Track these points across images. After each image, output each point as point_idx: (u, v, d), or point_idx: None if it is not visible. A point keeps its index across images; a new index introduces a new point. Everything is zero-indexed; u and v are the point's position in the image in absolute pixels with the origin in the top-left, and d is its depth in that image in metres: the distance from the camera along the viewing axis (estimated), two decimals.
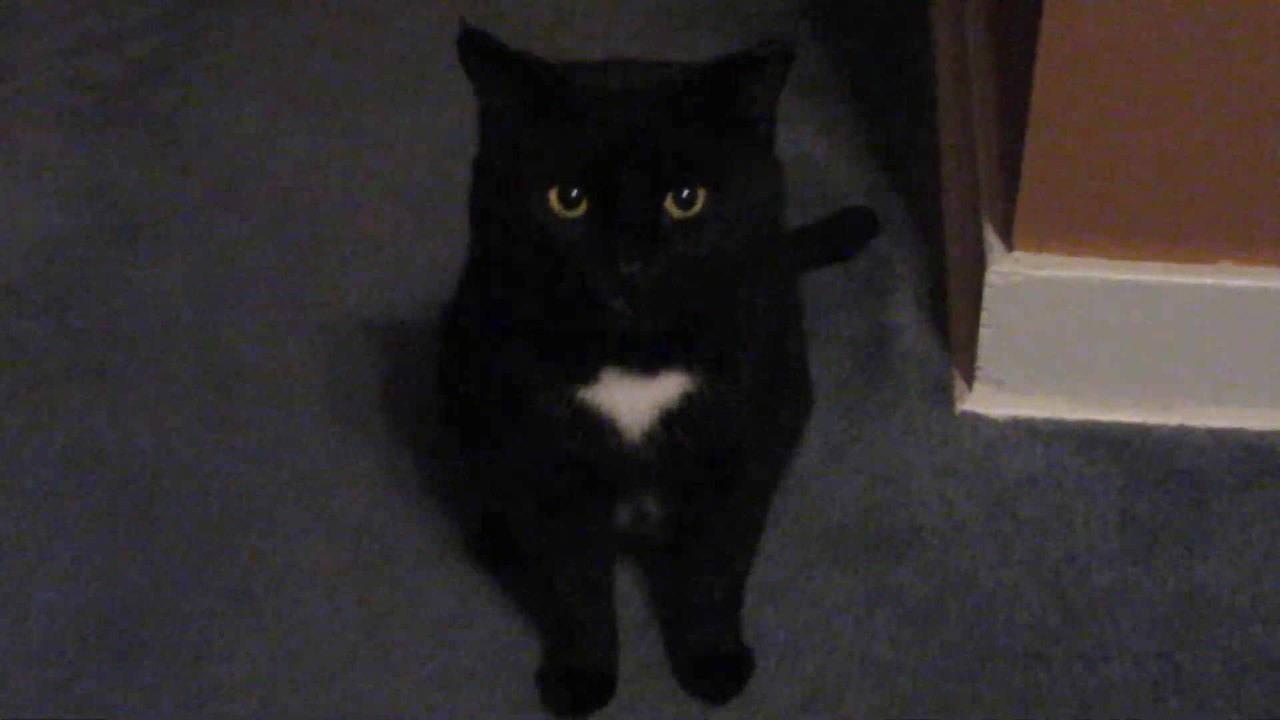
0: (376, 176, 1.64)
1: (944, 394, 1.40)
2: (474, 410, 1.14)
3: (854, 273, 1.51)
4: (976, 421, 1.38)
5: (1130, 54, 1.23)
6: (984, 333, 1.37)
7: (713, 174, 0.98)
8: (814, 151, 1.64)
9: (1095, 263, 1.33)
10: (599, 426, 1.05)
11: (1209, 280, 1.32)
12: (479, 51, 0.99)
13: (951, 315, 1.46)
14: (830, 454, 1.35)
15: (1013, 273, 1.34)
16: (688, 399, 1.05)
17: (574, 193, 0.97)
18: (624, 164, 0.96)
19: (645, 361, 1.03)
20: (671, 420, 1.05)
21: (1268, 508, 1.31)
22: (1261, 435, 1.36)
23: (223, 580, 1.27)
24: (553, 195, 0.97)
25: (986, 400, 1.39)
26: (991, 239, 1.36)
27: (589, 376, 1.04)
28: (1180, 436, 1.36)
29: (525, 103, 0.98)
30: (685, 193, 0.97)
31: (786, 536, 1.28)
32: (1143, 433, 1.36)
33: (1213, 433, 1.36)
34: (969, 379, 1.40)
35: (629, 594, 1.25)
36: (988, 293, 1.35)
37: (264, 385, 1.43)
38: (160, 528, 1.31)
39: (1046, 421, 1.38)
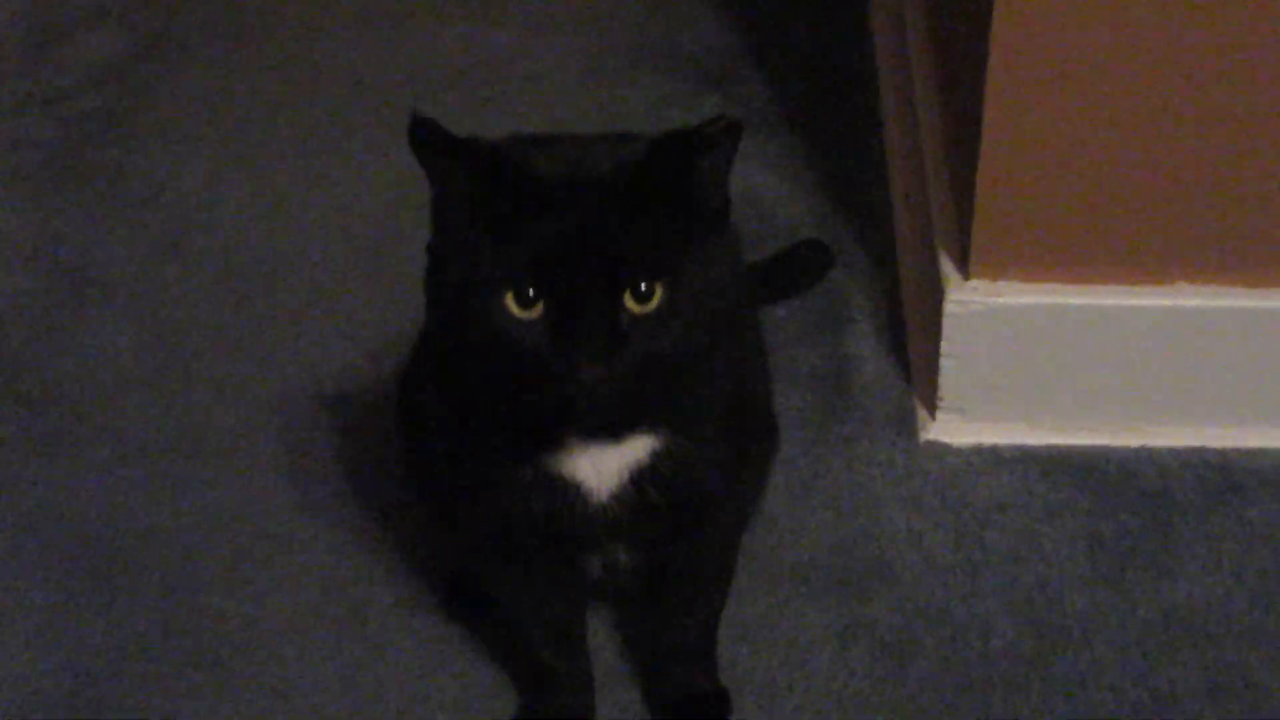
0: (324, 226, 1.63)
1: (907, 424, 1.40)
2: (437, 476, 1.13)
3: (811, 306, 1.51)
4: (941, 450, 1.38)
5: (1081, 80, 1.24)
6: (944, 362, 1.37)
7: (669, 266, 0.96)
8: (763, 186, 1.64)
9: (1052, 288, 1.34)
10: (567, 491, 1.04)
11: (1166, 301, 1.33)
12: (430, 141, 0.97)
13: (910, 345, 1.46)
14: (796, 489, 1.34)
15: (970, 301, 1.34)
16: (655, 457, 1.04)
17: (530, 294, 0.95)
18: (578, 264, 0.95)
19: (610, 427, 1.03)
20: (640, 479, 1.04)
21: (1234, 526, 1.31)
22: (1223, 453, 1.36)
23: (189, 643, 1.25)
24: (509, 298, 0.96)
25: (950, 429, 1.39)
26: (947, 268, 1.36)
27: (554, 445, 1.03)
28: (1144, 458, 1.37)
29: (476, 191, 0.96)
30: (643, 288, 0.96)
31: (756, 574, 1.27)
32: (1107, 455, 1.37)
33: (1175, 452, 1.37)
34: (931, 408, 1.40)
35: (602, 641, 1.24)
36: (946, 321, 1.35)
37: (220, 443, 1.41)
38: (122, 593, 1.29)
39: (1010, 448, 1.38)
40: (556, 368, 0.95)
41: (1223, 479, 1.35)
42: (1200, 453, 1.36)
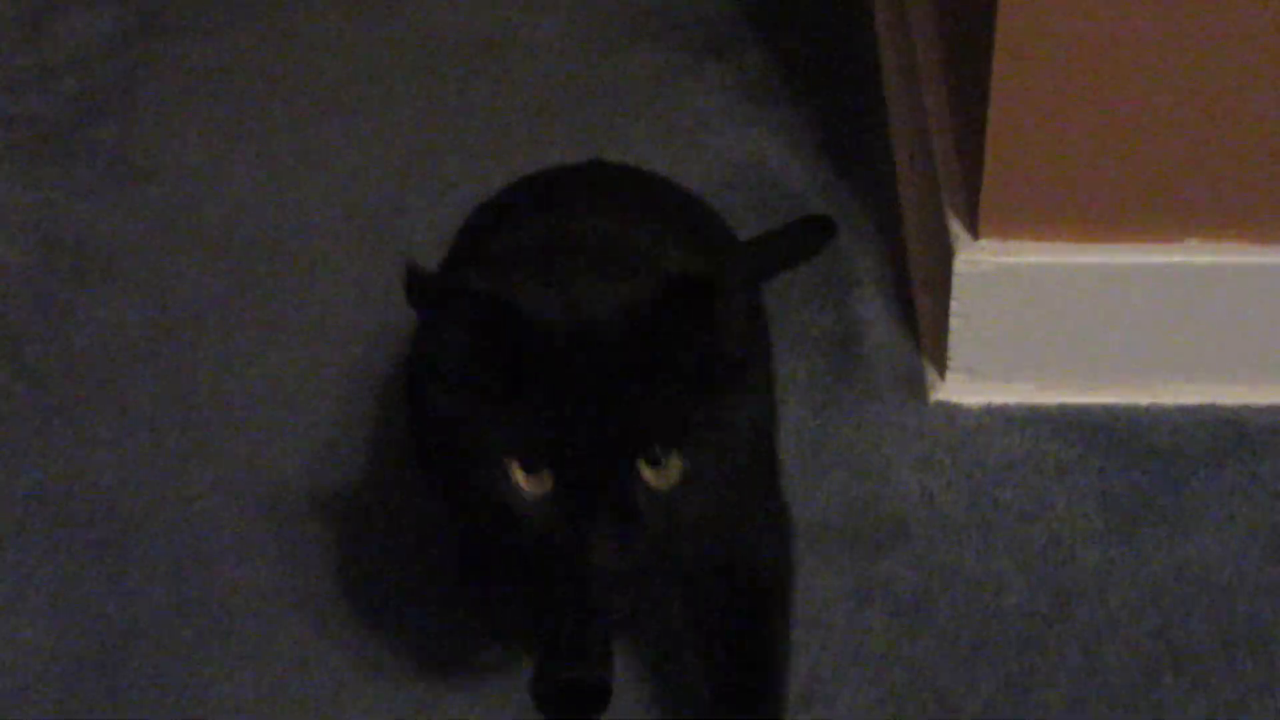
0: (326, 199, 1.63)
1: (917, 385, 1.40)
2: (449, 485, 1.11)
3: (817, 271, 1.50)
4: (951, 411, 1.38)
5: (1091, 34, 1.24)
6: (954, 322, 1.37)
7: (687, 430, 0.87)
8: (767, 153, 1.64)
9: (1062, 246, 1.33)
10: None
11: (1176, 258, 1.33)
12: (426, 294, 0.89)
13: (918, 308, 1.46)
14: (807, 451, 1.34)
15: (980, 260, 1.34)
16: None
17: (536, 468, 0.87)
18: (587, 432, 0.86)
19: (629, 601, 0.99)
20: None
21: (1246, 481, 1.32)
22: (1235, 410, 1.36)
23: (202, 610, 1.25)
24: (515, 470, 0.88)
25: (960, 389, 1.39)
26: (956, 228, 1.36)
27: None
28: (1155, 415, 1.37)
29: (475, 345, 0.88)
30: (659, 458, 0.87)
31: None
32: (1117, 414, 1.37)
33: (1186, 410, 1.37)
34: (941, 369, 1.40)
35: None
36: (956, 282, 1.35)
37: (227, 414, 1.41)
38: (134, 563, 1.29)
39: (1021, 407, 1.38)
40: (567, 550, 0.87)
41: (1234, 435, 1.35)
42: (1211, 409, 1.37)
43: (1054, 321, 1.36)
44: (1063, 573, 1.25)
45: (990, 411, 1.38)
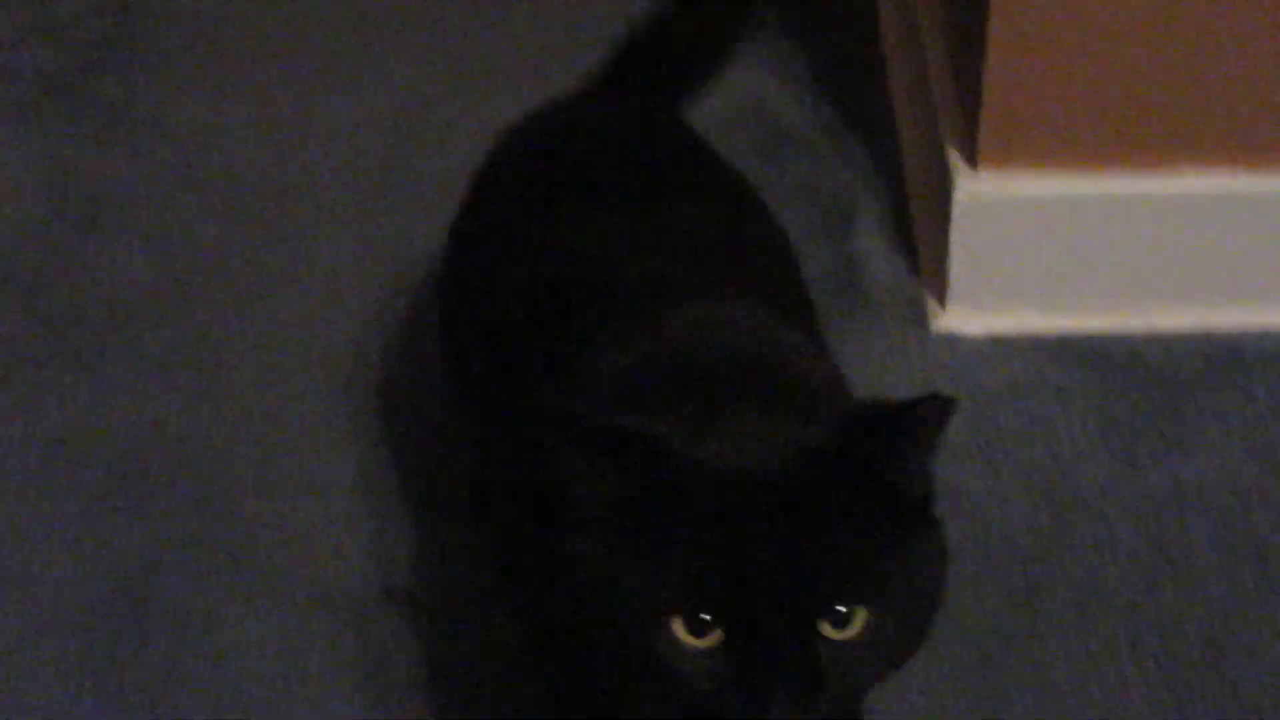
0: (332, 150, 1.65)
1: (918, 315, 1.43)
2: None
3: (819, 207, 1.53)
4: (952, 340, 1.41)
5: None
6: (954, 252, 1.39)
7: (872, 584, 0.81)
8: (767, 91, 1.65)
9: (1060, 175, 1.36)
10: None
11: (1172, 186, 1.36)
12: (574, 436, 0.81)
13: (919, 239, 1.48)
14: None
15: (979, 191, 1.37)
16: None
17: (705, 625, 0.79)
18: (765, 585, 0.79)
19: None
20: None
21: (1242, 402, 1.35)
22: (1231, 334, 1.39)
23: (224, 546, 1.28)
24: (677, 624, 0.80)
25: (961, 319, 1.42)
26: (955, 159, 1.38)
27: None
28: (1152, 340, 1.39)
29: (630, 493, 0.80)
30: (842, 612, 0.80)
31: None
32: (1116, 339, 1.40)
33: (1183, 334, 1.39)
34: (942, 300, 1.42)
35: None
36: (955, 212, 1.37)
37: (242, 355, 1.44)
38: (156, 501, 1.32)
39: (1021, 335, 1.40)
40: (742, 712, 0.80)
41: (1230, 358, 1.38)
42: (1208, 334, 1.39)
43: (1053, 250, 1.39)
44: (1064, 491, 1.28)
45: (991, 339, 1.41)
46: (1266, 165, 1.35)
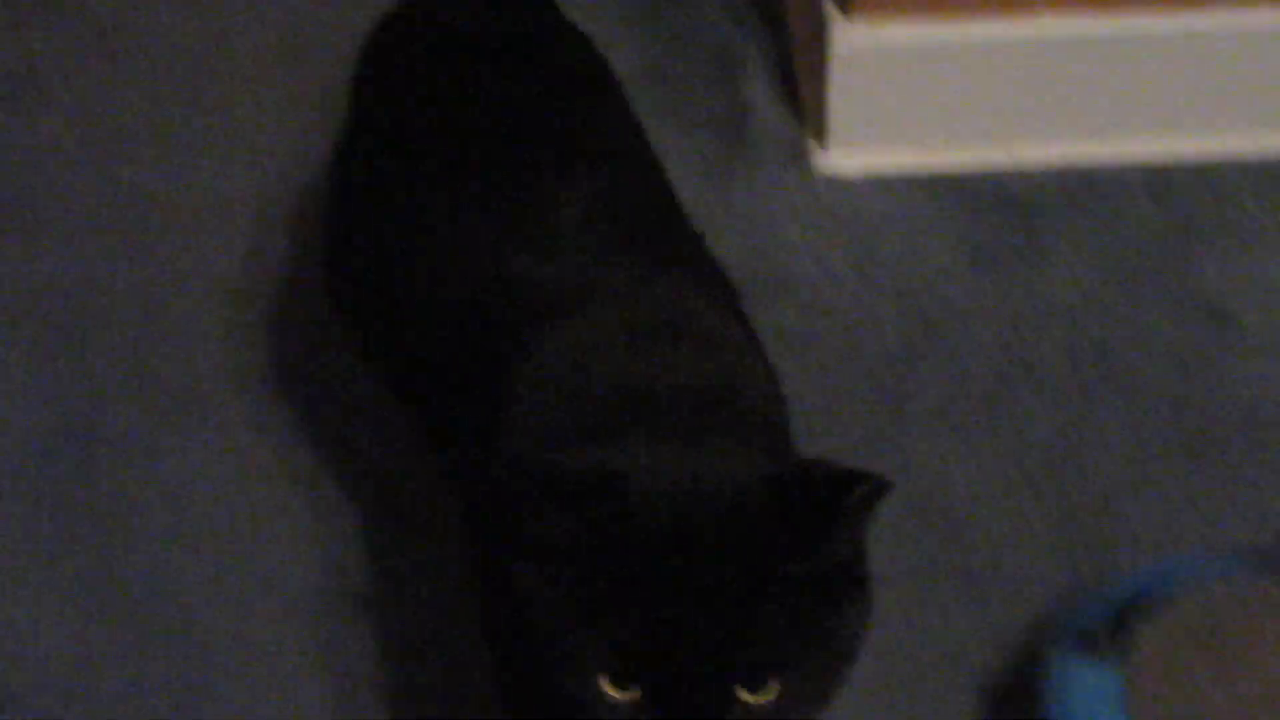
0: (251, 18, 1.70)
1: (802, 157, 1.53)
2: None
3: (705, 57, 1.62)
4: (833, 179, 1.52)
5: None
6: (832, 97, 1.50)
7: (791, 654, 0.82)
8: None
9: (928, 22, 1.46)
10: None
11: (1031, 31, 1.47)
12: (547, 481, 0.82)
13: (801, 85, 1.59)
14: (705, 218, 1.46)
15: (853, 39, 1.47)
16: None
17: (626, 683, 0.82)
18: (686, 659, 0.80)
19: None
20: None
21: (1096, 226, 1.47)
22: (1085, 168, 1.51)
23: (163, 386, 1.37)
24: (603, 679, 0.82)
25: (840, 159, 1.53)
26: (830, 8, 1.49)
27: None
28: (1016, 173, 1.51)
29: (574, 540, 0.82)
30: (757, 683, 0.82)
31: None
32: (983, 173, 1.51)
33: (1046, 168, 1.51)
34: (823, 142, 1.53)
35: None
36: (832, 59, 1.48)
37: (171, 212, 1.51)
38: (95, 346, 1.40)
39: (896, 173, 1.52)
40: None
41: (1088, 187, 1.50)
42: (1067, 165, 1.51)
43: (924, 93, 1.50)
44: (932, 309, 1.40)
45: (869, 177, 1.52)
46: (1116, 8, 1.47)
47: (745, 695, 0.82)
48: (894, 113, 1.51)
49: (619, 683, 0.82)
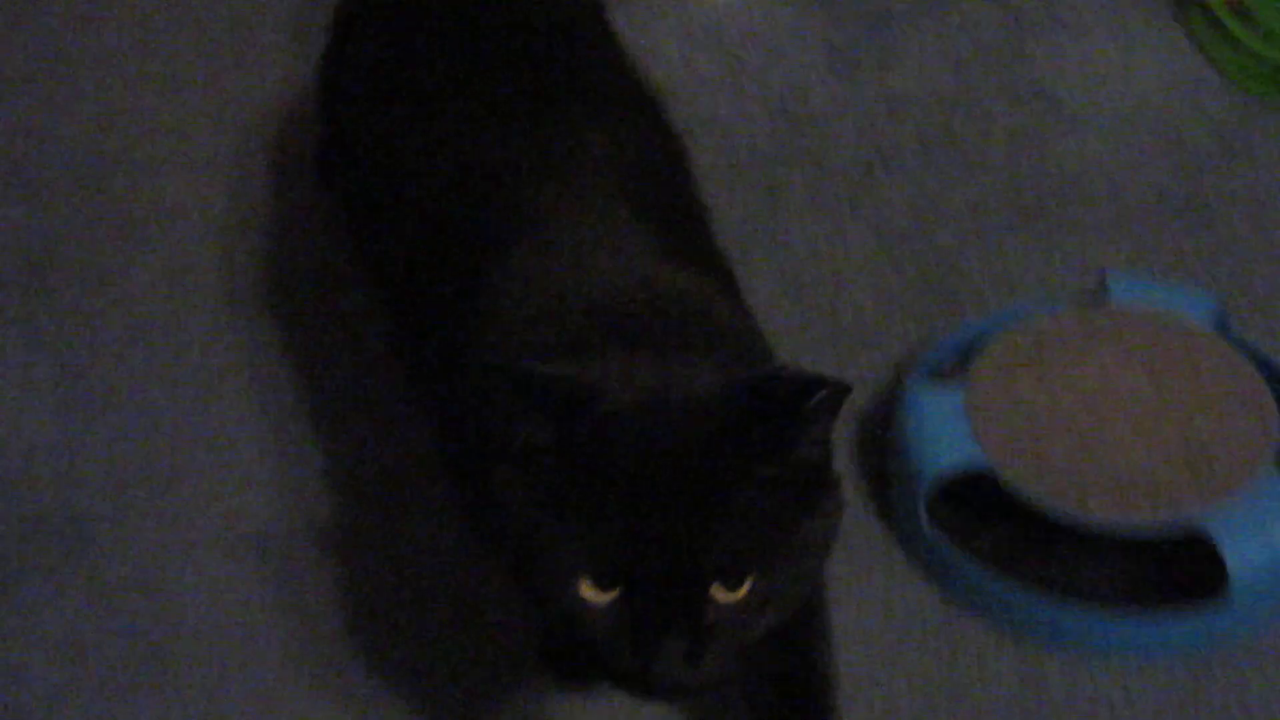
0: None
1: None
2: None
3: None
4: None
5: None
6: None
7: (764, 553, 0.85)
8: None
9: None
10: None
11: None
12: (527, 386, 0.85)
13: None
14: None
15: None
16: None
17: (606, 586, 0.85)
18: (661, 559, 0.83)
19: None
20: None
21: (942, 28, 1.63)
22: None
23: (110, 217, 1.50)
24: (584, 582, 0.85)
25: None
26: None
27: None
28: None
29: (555, 438, 0.85)
30: (732, 580, 0.85)
31: None
32: None
33: None
34: None
35: None
36: None
37: (108, 62, 1.61)
38: (43, 185, 1.53)
39: None
40: (632, 664, 0.85)
41: None
42: None
43: None
44: (797, 108, 1.57)
45: None
46: None
47: (719, 593, 0.85)
48: None
49: (599, 583, 0.85)
